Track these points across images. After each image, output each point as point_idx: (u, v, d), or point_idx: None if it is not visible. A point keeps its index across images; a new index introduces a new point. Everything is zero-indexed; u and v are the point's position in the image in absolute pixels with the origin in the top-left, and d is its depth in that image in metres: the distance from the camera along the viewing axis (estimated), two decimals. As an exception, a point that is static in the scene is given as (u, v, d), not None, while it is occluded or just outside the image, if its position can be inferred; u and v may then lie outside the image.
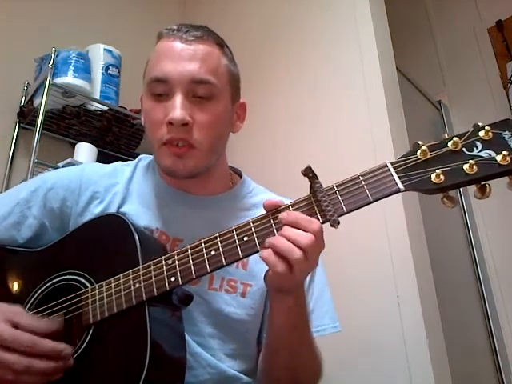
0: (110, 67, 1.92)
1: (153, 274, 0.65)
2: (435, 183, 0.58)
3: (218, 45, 0.81)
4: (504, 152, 0.56)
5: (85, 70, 1.81)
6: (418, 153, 0.60)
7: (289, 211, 0.62)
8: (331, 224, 0.60)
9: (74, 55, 1.79)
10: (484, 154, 0.57)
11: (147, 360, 0.59)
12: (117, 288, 0.66)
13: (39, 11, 2.05)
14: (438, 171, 0.58)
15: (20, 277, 0.77)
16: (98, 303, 0.66)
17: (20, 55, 1.92)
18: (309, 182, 0.63)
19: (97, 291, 0.68)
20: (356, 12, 1.63)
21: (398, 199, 1.32)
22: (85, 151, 1.78)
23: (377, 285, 1.33)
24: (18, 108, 1.87)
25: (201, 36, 0.79)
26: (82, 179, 0.84)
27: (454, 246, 2.07)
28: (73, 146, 1.85)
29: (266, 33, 2.00)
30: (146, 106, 0.80)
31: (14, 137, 1.85)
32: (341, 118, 1.59)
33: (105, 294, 0.67)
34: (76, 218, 0.81)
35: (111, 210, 0.81)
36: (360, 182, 0.61)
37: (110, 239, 0.73)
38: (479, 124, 0.60)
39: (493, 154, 0.57)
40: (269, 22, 2.01)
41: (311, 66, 1.75)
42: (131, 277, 0.66)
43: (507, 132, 0.58)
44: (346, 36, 1.65)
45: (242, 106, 0.89)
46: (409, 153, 0.61)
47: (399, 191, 0.59)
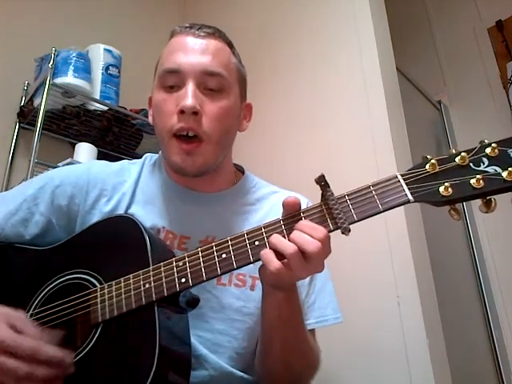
0: (110, 67, 1.92)
1: (163, 275, 0.65)
2: (443, 196, 0.60)
3: (228, 44, 0.85)
4: (510, 168, 0.58)
5: (85, 70, 1.81)
6: (427, 166, 0.62)
7: (300, 221, 0.63)
8: (342, 231, 0.61)
9: (74, 55, 1.79)
10: (490, 170, 0.59)
11: (156, 359, 0.60)
12: (126, 288, 0.66)
13: (39, 11, 2.05)
14: (447, 184, 0.60)
15: (28, 274, 0.77)
16: (108, 302, 0.67)
17: (20, 55, 1.92)
18: (320, 190, 0.64)
19: (106, 290, 0.68)
20: (356, 12, 1.63)
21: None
22: (85, 151, 1.78)
23: (377, 285, 1.33)
24: (18, 108, 1.87)
25: (212, 33, 0.82)
26: (90, 177, 0.84)
27: (454, 246, 2.07)
28: (73, 146, 1.85)
29: (266, 32, 2.00)
30: (157, 99, 0.80)
31: (14, 137, 1.85)
32: (341, 118, 1.59)
33: (114, 294, 0.67)
34: (84, 216, 0.81)
35: (120, 210, 0.81)
36: (371, 192, 0.62)
37: (121, 240, 0.73)
38: (486, 141, 0.62)
39: (499, 170, 0.59)
40: (268, 22, 2.01)
41: (311, 66, 1.76)
42: (141, 277, 0.66)
43: None
44: (346, 36, 1.65)
45: (249, 107, 0.91)
46: (418, 165, 0.63)
47: (409, 202, 0.61)
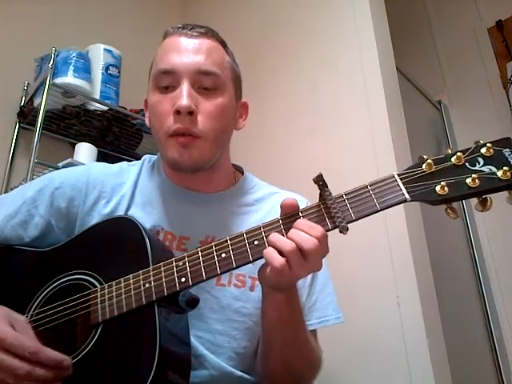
0: (110, 67, 1.92)
1: (163, 275, 0.66)
2: (440, 194, 0.61)
3: (222, 43, 0.85)
4: (504, 168, 0.59)
5: (85, 70, 1.81)
6: (424, 166, 0.63)
7: (298, 220, 0.63)
8: (340, 230, 0.62)
9: (74, 55, 1.79)
10: (486, 169, 0.61)
11: (156, 359, 0.60)
12: (127, 288, 0.67)
13: (39, 11, 2.05)
14: (443, 183, 0.61)
15: (29, 275, 0.77)
16: (108, 302, 0.67)
17: (20, 55, 1.92)
18: (318, 190, 0.65)
19: (106, 290, 0.68)
20: (356, 12, 1.63)
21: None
22: (85, 151, 1.78)
23: (377, 285, 1.33)
24: (18, 108, 1.87)
25: (205, 32, 0.82)
26: (89, 179, 0.84)
27: (454, 246, 2.07)
28: (73, 146, 1.85)
29: (266, 33, 2.00)
30: (152, 100, 0.80)
31: (14, 137, 1.85)
32: (341, 118, 1.59)
33: (114, 294, 0.67)
34: (83, 218, 0.81)
35: (119, 212, 0.81)
36: (368, 191, 0.63)
37: (121, 241, 0.73)
38: (481, 141, 0.63)
39: (494, 170, 0.60)
40: (268, 22, 2.01)
41: (311, 66, 1.75)
42: (141, 277, 0.67)
43: (507, 149, 0.61)
44: (346, 36, 1.65)
45: (245, 105, 0.91)
46: (414, 165, 0.64)
47: (405, 201, 0.62)
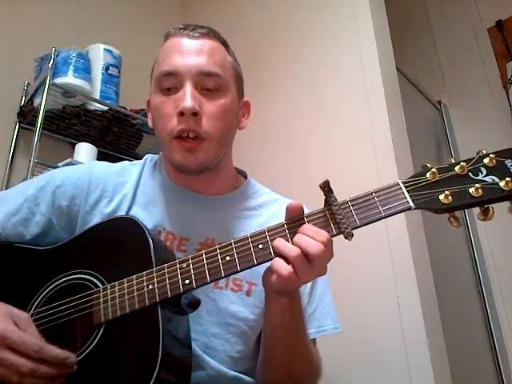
0: (110, 67, 1.92)
1: (167, 277, 0.65)
2: (444, 203, 0.61)
3: (223, 43, 0.85)
4: (507, 178, 0.60)
5: (85, 70, 1.81)
6: (428, 174, 0.63)
7: (304, 225, 0.63)
8: (345, 236, 0.62)
9: (74, 55, 1.79)
10: (488, 179, 0.61)
11: (159, 360, 0.59)
12: (130, 288, 0.66)
13: (39, 11, 2.05)
14: (447, 192, 0.62)
15: (30, 274, 0.77)
16: (110, 302, 0.66)
17: (20, 55, 1.92)
18: (324, 196, 0.65)
19: (109, 291, 0.68)
20: (356, 12, 1.63)
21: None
22: (85, 151, 1.78)
23: (377, 285, 1.33)
24: (18, 108, 1.87)
25: (207, 33, 0.82)
26: (91, 178, 0.84)
27: (454, 246, 2.06)
28: (73, 146, 1.85)
29: (266, 33, 2.00)
30: (156, 102, 0.80)
31: (14, 137, 1.85)
32: (341, 118, 1.59)
33: (117, 294, 0.67)
34: (84, 216, 0.81)
35: (121, 212, 0.81)
36: (373, 198, 0.64)
37: (124, 241, 0.73)
38: (483, 151, 0.64)
39: (496, 180, 0.61)
40: (268, 22, 2.01)
41: (311, 66, 1.75)
42: (145, 278, 0.66)
43: (510, 160, 0.62)
44: (346, 36, 1.65)
45: (247, 104, 0.91)
46: (418, 174, 0.65)
47: (410, 209, 0.63)
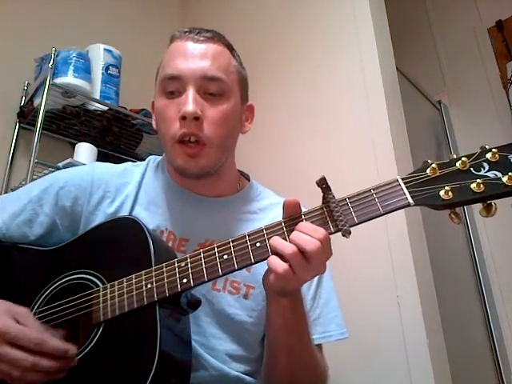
0: (110, 67, 1.92)
1: (165, 276, 0.66)
2: (444, 199, 0.60)
3: (228, 47, 0.85)
4: (510, 173, 0.59)
5: (85, 70, 1.81)
6: (428, 170, 0.62)
7: (300, 223, 0.63)
8: (343, 234, 0.62)
9: (74, 55, 1.79)
10: (491, 175, 0.60)
11: (156, 360, 0.60)
12: (129, 288, 0.67)
13: (39, 11, 2.05)
14: (447, 188, 0.60)
15: (32, 274, 0.78)
16: (110, 302, 0.67)
17: (20, 55, 1.92)
18: (322, 193, 0.64)
19: (108, 290, 0.68)
20: (356, 12, 1.63)
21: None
22: (85, 151, 1.78)
23: (377, 285, 1.33)
24: (18, 108, 1.87)
25: (211, 37, 0.82)
26: (94, 178, 0.84)
27: (454, 246, 2.07)
28: (73, 146, 1.85)
29: (265, 32, 2.00)
30: (159, 105, 0.81)
31: (14, 137, 1.85)
32: (341, 118, 1.59)
33: (116, 293, 0.67)
34: (87, 217, 0.82)
35: (123, 212, 0.82)
36: (372, 195, 0.63)
37: (124, 241, 0.73)
38: (486, 146, 0.62)
39: (499, 175, 0.59)
40: (268, 22, 2.01)
41: (311, 66, 1.75)
42: (144, 277, 0.67)
43: None
44: (346, 36, 1.65)
45: (250, 108, 0.91)
46: (418, 169, 0.64)
47: (409, 205, 0.62)
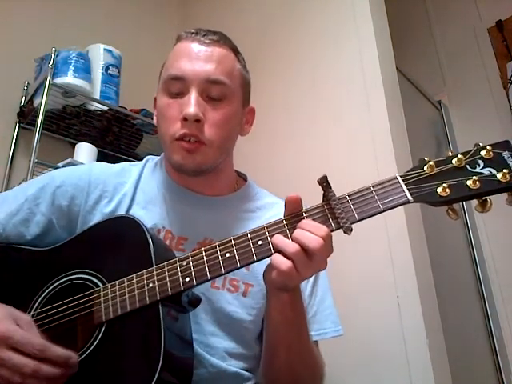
0: (110, 67, 1.92)
1: (167, 275, 0.66)
2: (441, 196, 0.62)
3: (233, 50, 0.85)
4: (504, 170, 0.61)
5: (85, 70, 1.81)
6: (425, 167, 0.64)
7: (303, 221, 0.64)
8: (344, 231, 0.63)
9: (74, 55, 1.79)
10: (486, 172, 0.62)
11: (161, 359, 0.59)
12: (130, 287, 0.67)
13: (39, 11, 2.05)
14: (445, 185, 0.62)
15: (30, 274, 0.77)
16: (111, 301, 0.67)
17: (20, 55, 1.92)
18: (322, 191, 0.65)
19: (109, 290, 0.68)
20: (356, 12, 1.63)
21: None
22: (85, 151, 1.78)
23: (377, 285, 1.33)
24: (18, 108, 1.87)
25: (217, 40, 0.83)
26: (91, 178, 0.84)
27: (454, 246, 2.07)
28: (73, 146, 1.85)
29: (265, 33, 2.00)
30: (161, 103, 0.82)
31: (14, 137, 1.86)
32: (341, 118, 1.59)
33: (118, 293, 0.67)
34: (85, 216, 0.82)
35: (121, 211, 0.82)
36: (371, 192, 0.64)
37: (123, 240, 0.73)
38: (480, 144, 0.64)
39: (494, 172, 0.61)
40: (267, 22, 2.01)
41: (310, 66, 1.75)
42: (145, 277, 0.67)
43: (507, 152, 0.63)
44: (346, 36, 1.65)
45: (251, 111, 0.92)
46: (416, 167, 0.65)
47: (408, 202, 0.63)
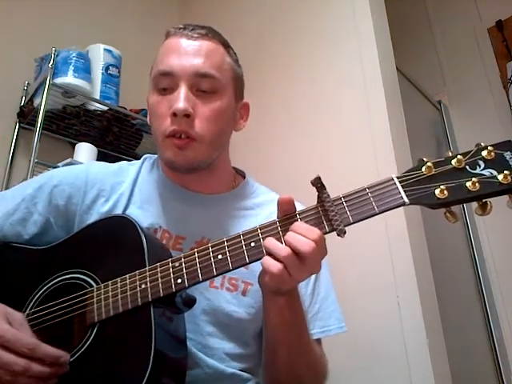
0: (110, 67, 1.92)
1: (159, 276, 0.65)
2: (439, 198, 0.60)
3: (223, 44, 0.84)
4: (505, 171, 0.58)
5: (85, 70, 1.81)
6: (423, 168, 0.62)
7: (295, 223, 0.63)
8: (337, 233, 0.61)
9: (74, 55, 1.79)
10: (486, 173, 0.59)
11: (151, 359, 0.59)
12: (123, 288, 0.66)
13: (39, 11, 2.05)
14: (443, 187, 0.60)
15: (25, 274, 0.77)
16: (104, 302, 0.67)
17: (20, 55, 1.92)
18: (316, 192, 0.64)
19: (102, 290, 0.68)
20: (356, 11, 1.63)
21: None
22: (85, 151, 1.78)
23: (377, 285, 1.33)
24: (18, 108, 1.87)
25: (206, 34, 0.81)
26: (88, 177, 0.84)
27: (454, 246, 2.07)
28: (73, 146, 1.85)
29: (264, 32, 2.00)
30: (152, 101, 0.81)
31: (14, 137, 1.85)
32: (340, 118, 1.59)
33: (110, 294, 0.67)
34: (82, 216, 0.81)
35: (118, 211, 0.81)
36: (366, 194, 0.62)
37: (118, 240, 0.73)
38: (482, 144, 0.62)
39: (495, 173, 0.59)
40: (267, 21, 2.01)
41: (310, 66, 1.75)
42: (137, 277, 0.66)
43: (509, 153, 0.60)
44: (346, 35, 1.65)
45: (245, 106, 0.90)
46: (414, 168, 0.63)
47: (404, 204, 0.61)
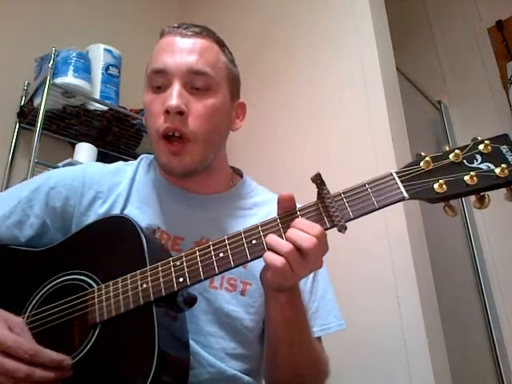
0: (110, 67, 1.93)
1: (161, 275, 0.65)
2: (438, 192, 0.60)
3: (218, 43, 0.84)
4: (503, 165, 0.59)
5: (85, 70, 1.81)
6: (422, 163, 0.62)
7: (296, 219, 0.63)
8: (338, 229, 0.61)
9: (74, 55, 1.80)
10: (484, 167, 0.60)
11: (155, 360, 0.59)
12: (124, 288, 0.66)
13: (39, 11, 2.05)
14: (441, 181, 0.60)
15: (24, 276, 0.77)
16: (105, 303, 0.66)
17: (20, 55, 1.93)
18: (316, 189, 0.64)
19: (103, 291, 0.68)
20: (356, 11, 1.63)
21: (398, 199, 1.32)
22: (85, 151, 1.78)
23: (377, 285, 1.33)
24: (18, 108, 1.87)
25: (200, 32, 0.81)
26: (85, 178, 0.83)
27: (454, 246, 2.07)
28: (73, 146, 1.85)
29: (264, 32, 2.00)
30: (146, 100, 0.81)
31: (14, 137, 1.86)
32: (340, 118, 1.59)
33: (112, 294, 0.67)
34: (79, 217, 0.81)
35: (115, 211, 0.81)
36: (366, 190, 0.63)
37: (117, 240, 0.72)
38: (478, 138, 0.62)
39: (492, 167, 0.60)
40: (267, 21, 2.01)
41: (310, 66, 1.75)
42: (139, 277, 0.66)
43: (505, 146, 0.61)
44: (346, 36, 1.65)
45: (242, 106, 0.90)
46: (412, 163, 0.63)
47: (404, 199, 0.62)
